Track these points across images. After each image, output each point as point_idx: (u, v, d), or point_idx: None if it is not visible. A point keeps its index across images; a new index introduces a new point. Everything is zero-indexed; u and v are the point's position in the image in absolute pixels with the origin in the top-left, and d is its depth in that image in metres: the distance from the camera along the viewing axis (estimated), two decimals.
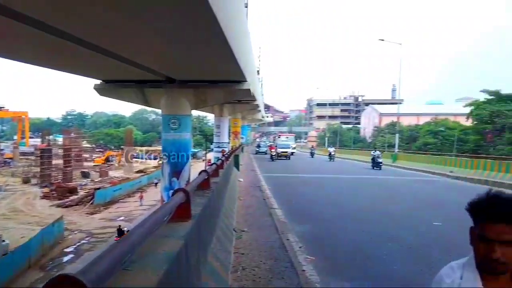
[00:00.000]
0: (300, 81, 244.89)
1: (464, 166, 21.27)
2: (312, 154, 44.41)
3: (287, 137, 45.67)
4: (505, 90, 43.05)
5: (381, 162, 25.97)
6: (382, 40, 34.66)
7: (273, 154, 36.17)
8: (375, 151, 27.82)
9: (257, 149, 51.92)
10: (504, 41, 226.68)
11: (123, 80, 13.60)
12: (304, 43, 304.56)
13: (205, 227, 3.69)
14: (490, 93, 43.16)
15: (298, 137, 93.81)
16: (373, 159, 26.46)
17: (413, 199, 13.74)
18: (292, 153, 40.11)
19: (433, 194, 14.97)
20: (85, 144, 69.41)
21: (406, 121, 62.72)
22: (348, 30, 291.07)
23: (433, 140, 49.12)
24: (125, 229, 16.63)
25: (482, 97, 44.18)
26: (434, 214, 10.27)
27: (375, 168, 25.92)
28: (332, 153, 36.62)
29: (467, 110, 46.45)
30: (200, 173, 4.98)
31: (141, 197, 30.31)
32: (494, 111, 41.04)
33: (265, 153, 45.05)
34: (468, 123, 47.56)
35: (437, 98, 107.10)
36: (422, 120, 65.03)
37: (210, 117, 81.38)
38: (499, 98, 42.23)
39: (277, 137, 46.84)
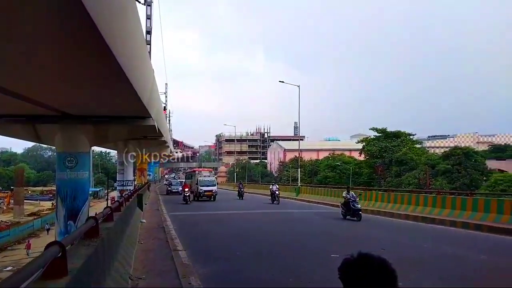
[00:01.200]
0: (208, 117, 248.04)
1: (359, 198, 22.94)
2: (240, 195, 32.99)
3: (210, 172, 35.71)
4: (390, 128, 48.86)
5: (360, 209, 16.59)
6: (282, 82, 37.02)
7: (187, 194, 27.01)
8: (349, 192, 17.38)
9: (169, 188, 42.29)
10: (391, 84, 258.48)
11: (11, 115, 12.34)
12: (211, 80, 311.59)
13: (88, 281, 3.38)
14: (378, 130, 48.50)
15: None
16: (346, 203, 17.02)
17: (313, 232, 14.35)
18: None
19: (330, 226, 15.82)
20: None
21: (307, 156, 66.84)
22: (251, 70, 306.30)
23: (332, 173, 52.81)
24: None
25: (372, 134, 49.42)
26: (332, 246, 10.81)
27: (350, 218, 16.66)
28: (277, 192, 26.75)
29: (360, 146, 51.41)
30: (87, 219, 4.62)
31: (28, 246, 26.41)
32: (382, 147, 46.06)
33: (180, 193, 34.09)
34: (362, 157, 52.49)
35: (335, 135, 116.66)
36: (322, 155, 70.04)
37: (114, 153, 77.47)
38: (386, 135, 47.70)
39: (197, 172, 34.37)
